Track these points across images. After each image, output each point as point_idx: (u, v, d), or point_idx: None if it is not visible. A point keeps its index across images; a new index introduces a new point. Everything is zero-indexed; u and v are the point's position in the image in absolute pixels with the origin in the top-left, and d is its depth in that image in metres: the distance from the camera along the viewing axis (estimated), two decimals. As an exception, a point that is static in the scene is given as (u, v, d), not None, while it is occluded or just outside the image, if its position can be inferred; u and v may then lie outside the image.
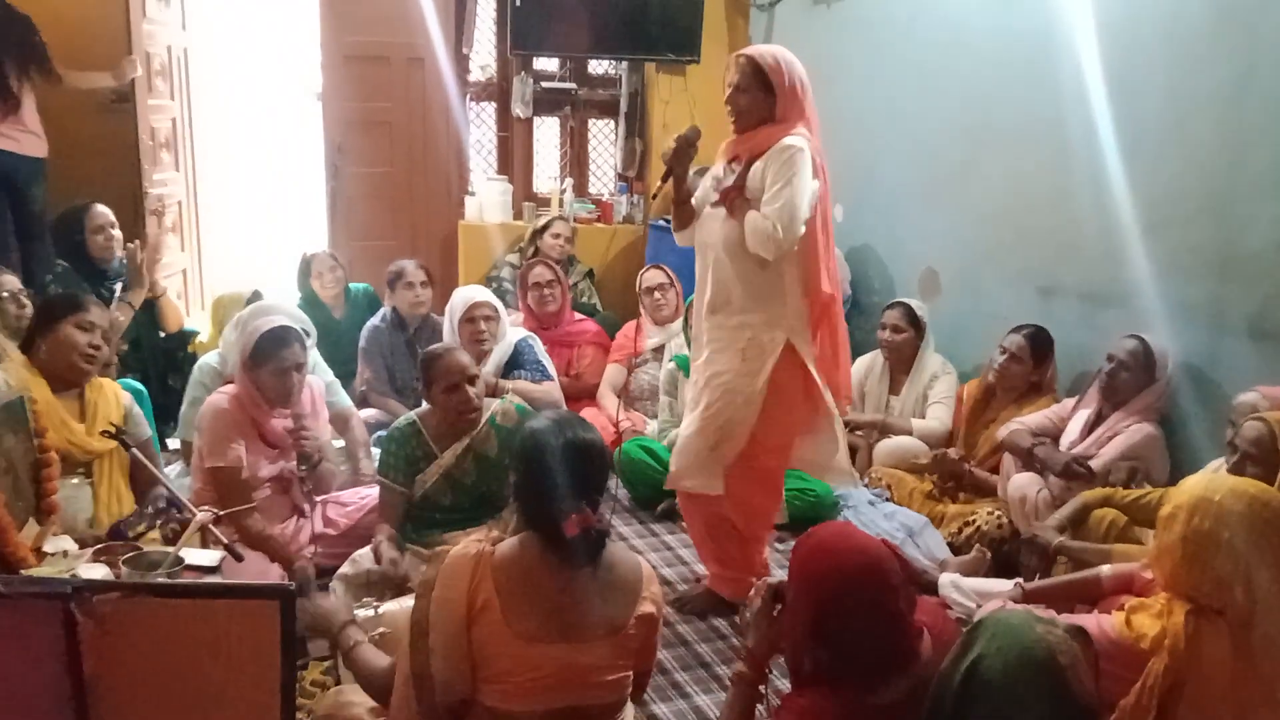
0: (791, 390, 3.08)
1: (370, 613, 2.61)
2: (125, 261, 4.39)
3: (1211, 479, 2.22)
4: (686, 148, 3.07)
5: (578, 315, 5.05)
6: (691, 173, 3.21)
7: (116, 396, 3.12)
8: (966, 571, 3.33)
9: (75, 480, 2.96)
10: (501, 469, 3.12)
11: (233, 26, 7.45)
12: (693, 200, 3.18)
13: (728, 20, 6.02)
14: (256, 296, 4.18)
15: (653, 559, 3.67)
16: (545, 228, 5.48)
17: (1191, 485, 2.16)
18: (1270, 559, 2.03)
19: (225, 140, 7.03)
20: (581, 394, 4.77)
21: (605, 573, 1.97)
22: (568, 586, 1.93)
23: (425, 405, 3.26)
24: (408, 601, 2.39)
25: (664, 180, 3.13)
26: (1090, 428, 3.47)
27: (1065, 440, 3.52)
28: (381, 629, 2.52)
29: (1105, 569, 2.56)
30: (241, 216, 7.89)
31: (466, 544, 1.97)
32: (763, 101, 2.97)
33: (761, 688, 1.99)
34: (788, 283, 3.02)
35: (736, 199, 2.97)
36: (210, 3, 6.39)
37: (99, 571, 2.38)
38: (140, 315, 4.28)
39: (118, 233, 4.41)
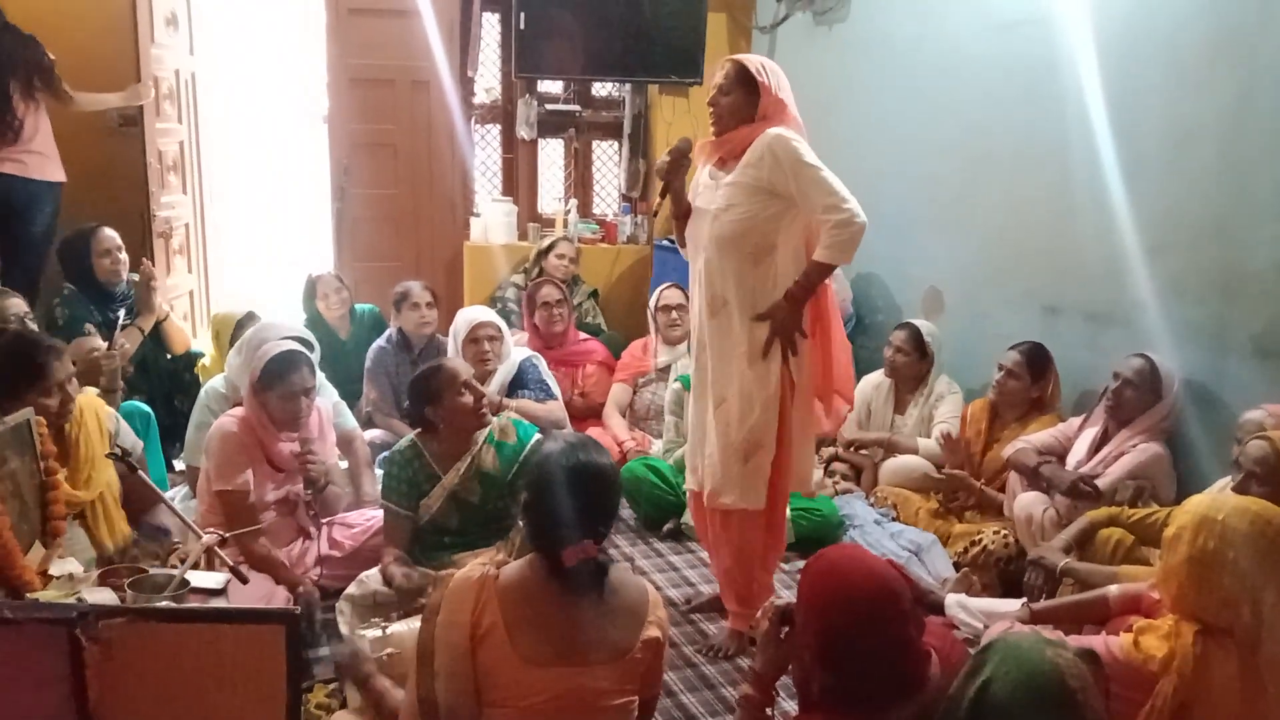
0: (799, 388, 3.06)
1: (378, 633, 2.60)
2: (132, 285, 4.41)
3: (1215, 498, 2.22)
4: (680, 159, 3.08)
5: (582, 335, 5.06)
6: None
7: (100, 423, 3.05)
8: (957, 593, 3.32)
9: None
10: (505, 486, 3.12)
11: (240, 50, 7.51)
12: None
13: (730, 42, 6.05)
14: (251, 318, 4.18)
15: (658, 580, 3.66)
16: (550, 248, 5.50)
17: (1195, 505, 2.16)
18: (1276, 578, 2.03)
19: (233, 163, 7.07)
20: (587, 413, 4.77)
21: (611, 596, 1.97)
22: (573, 611, 1.92)
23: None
24: (415, 623, 2.39)
25: (662, 196, 3.15)
26: (1097, 446, 3.46)
27: (1072, 459, 3.51)
28: (389, 650, 2.52)
29: (1113, 589, 2.54)
30: (248, 239, 7.93)
31: (471, 568, 1.97)
32: (744, 102, 2.98)
33: (768, 710, 1.98)
34: (780, 276, 3.00)
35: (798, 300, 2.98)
36: (218, 27, 6.44)
37: (104, 595, 2.38)
38: (146, 337, 4.30)
39: (124, 256, 4.43)
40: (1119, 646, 2.16)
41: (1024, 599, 2.84)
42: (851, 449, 4.35)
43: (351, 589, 3.04)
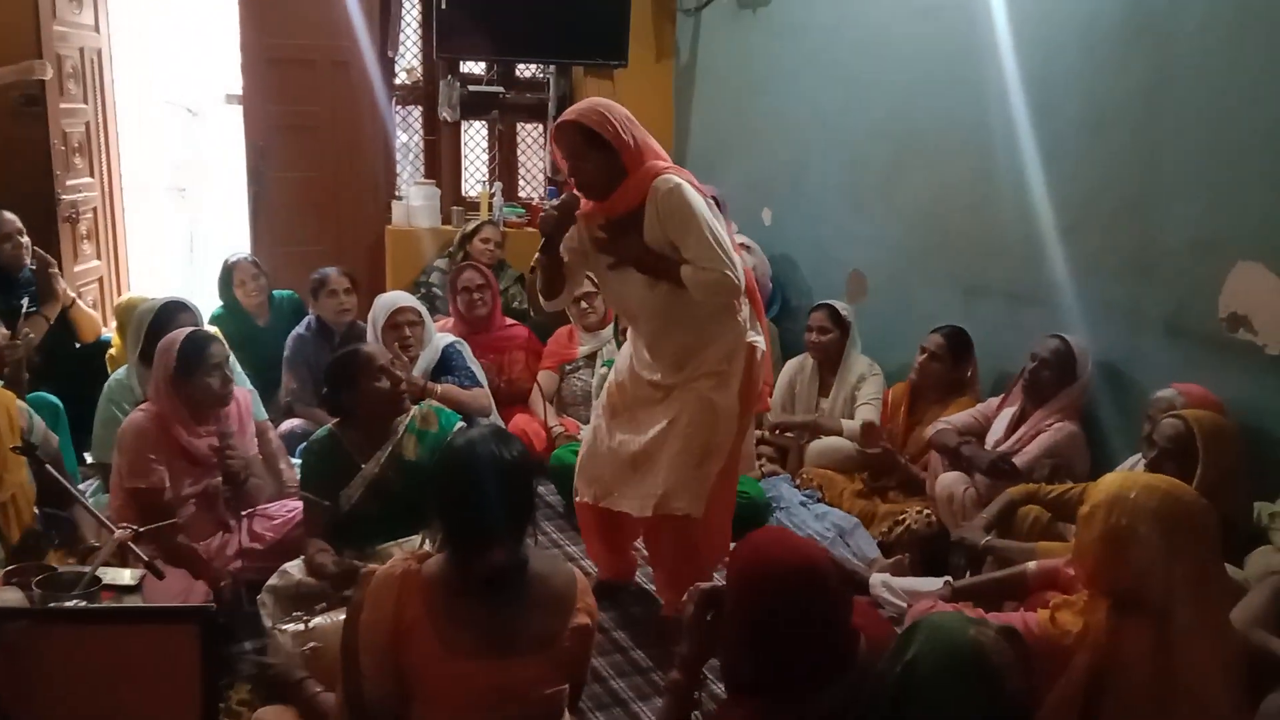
0: (749, 386, 3.07)
1: (300, 627, 2.55)
2: (34, 272, 4.25)
3: (1126, 476, 2.27)
4: (569, 215, 2.98)
5: (508, 320, 5.01)
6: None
7: (12, 419, 2.92)
8: (890, 574, 3.37)
9: None
10: (428, 475, 3.05)
11: (150, 29, 7.27)
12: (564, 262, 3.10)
13: (654, 24, 6.03)
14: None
15: (585, 565, 3.65)
16: (474, 232, 5.43)
17: (1108, 483, 2.20)
18: (1185, 553, 2.08)
19: (144, 144, 6.85)
20: (513, 400, 4.73)
21: (538, 585, 1.95)
22: (497, 603, 1.90)
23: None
24: (338, 616, 2.35)
25: (542, 251, 3.04)
26: (1014, 426, 3.54)
27: (990, 438, 3.59)
28: (312, 643, 2.47)
29: (1031, 565, 2.60)
30: (162, 222, 7.71)
31: (393, 563, 1.94)
32: (605, 160, 2.85)
33: (696, 694, 1.98)
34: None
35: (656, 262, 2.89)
36: (126, 4, 6.20)
37: (11, 596, 2.28)
38: (54, 325, 4.14)
39: (26, 240, 4.26)
40: (1036, 622, 2.20)
41: (946, 577, 2.89)
42: (777, 432, 4.38)
43: (274, 580, 2.96)
